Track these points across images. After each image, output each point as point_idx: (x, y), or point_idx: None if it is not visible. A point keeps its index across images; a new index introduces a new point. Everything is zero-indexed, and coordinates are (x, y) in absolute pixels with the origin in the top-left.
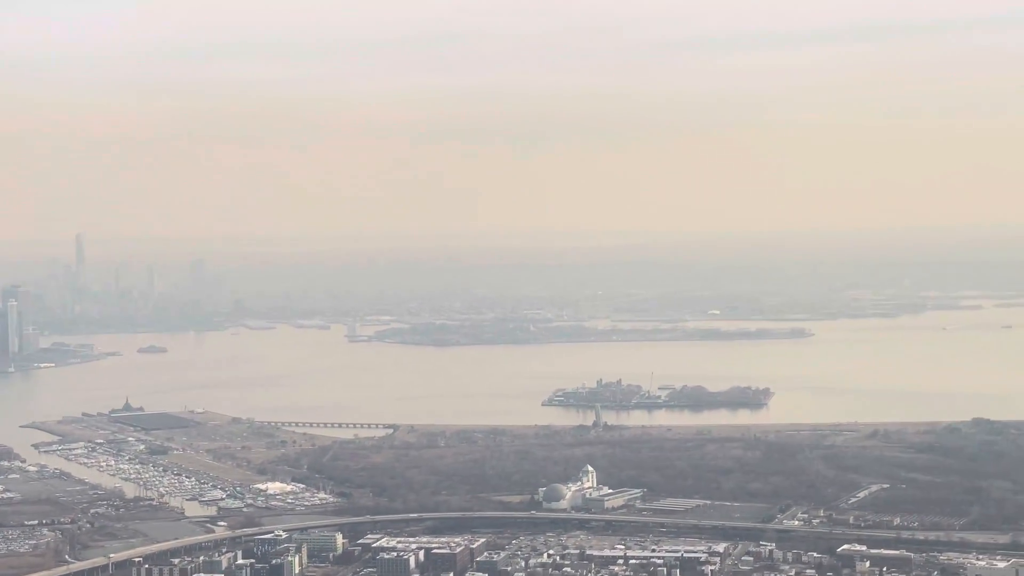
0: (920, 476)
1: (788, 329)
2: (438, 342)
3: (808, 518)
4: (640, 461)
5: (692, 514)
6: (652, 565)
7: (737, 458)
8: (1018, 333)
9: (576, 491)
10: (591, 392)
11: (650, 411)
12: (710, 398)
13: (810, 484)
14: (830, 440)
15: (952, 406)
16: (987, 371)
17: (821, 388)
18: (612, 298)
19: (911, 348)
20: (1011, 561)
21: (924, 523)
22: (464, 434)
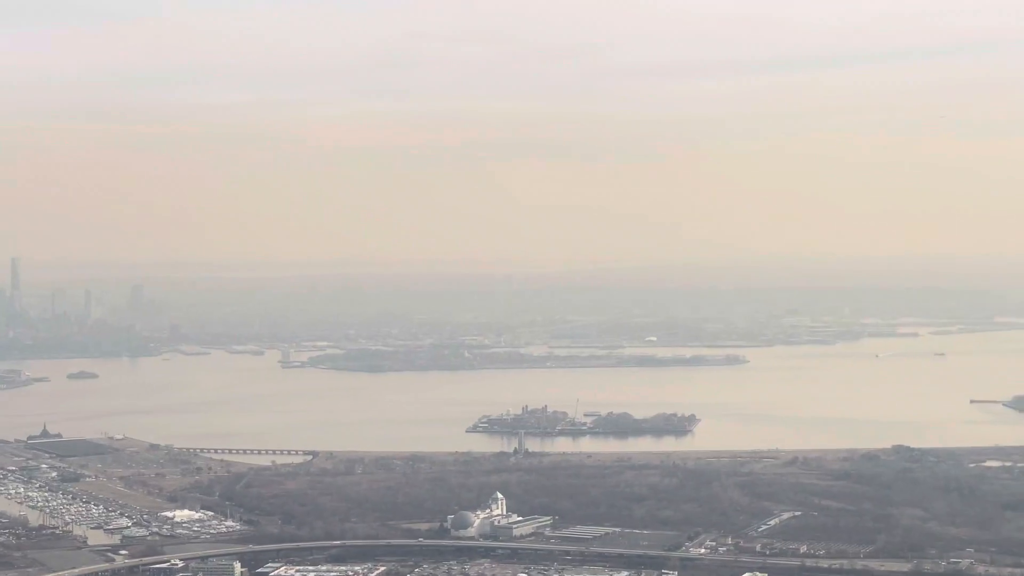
0: (833, 503)
1: (723, 356)
2: (371, 368)
3: (715, 546)
4: (555, 488)
5: (600, 542)
6: None
7: (653, 485)
8: (950, 361)
9: (485, 519)
10: (515, 419)
11: (574, 438)
12: (635, 425)
13: (722, 512)
14: (749, 467)
15: (875, 433)
16: (913, 398)
17: (748, 415)
18: (551, 324)
19: (842, 375)
20: None
21: (830, 551)
22: (383, 461)
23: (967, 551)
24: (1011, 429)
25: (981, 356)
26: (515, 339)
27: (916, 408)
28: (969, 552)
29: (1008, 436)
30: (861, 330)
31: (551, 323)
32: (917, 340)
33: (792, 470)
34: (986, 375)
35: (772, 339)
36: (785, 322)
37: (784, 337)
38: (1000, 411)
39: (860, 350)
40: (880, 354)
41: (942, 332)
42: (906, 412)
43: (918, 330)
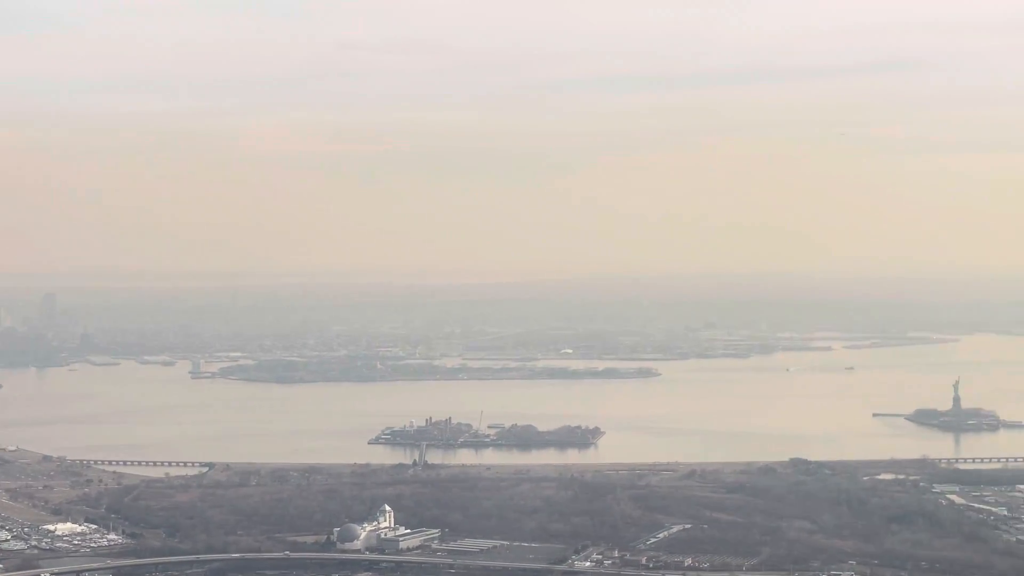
0: (724, 516)
1: (635, 368)
2: (282, 379)
3: (602, 559)
4: (448, 500)
5: (486, 555)
6: None
7: (547, 498)
8: (858, 375)
9: (371, 531)
10: (418, 431)
11: (477, 450)
12: (538, 437)
13: (613, 525)
14: (646, 480)
15: (775, 446)
16: (817, 412)
17: (653, 428)
18: (469, 336)
19: (751, 389)
20: None
21: (714, 563)
22: (279, 473)
23: (849, 563)
24: (910, 442)
25: (890, 370)
26: (430, 351)
27: (819, 421)
28: (851, 564)
29: (906, 449)
30: (776, 344)
31: (469, 335)
32: (830, 354)
33: (688, 483)
34: (892, 389)
35: (687, 352)
36: (701, 335)
37: (699, 350)
38: (902, 424)
39: (773, 364)
40: (790, 368)
41: (855, 346)
42: (809, 425)
43: (832, 344)
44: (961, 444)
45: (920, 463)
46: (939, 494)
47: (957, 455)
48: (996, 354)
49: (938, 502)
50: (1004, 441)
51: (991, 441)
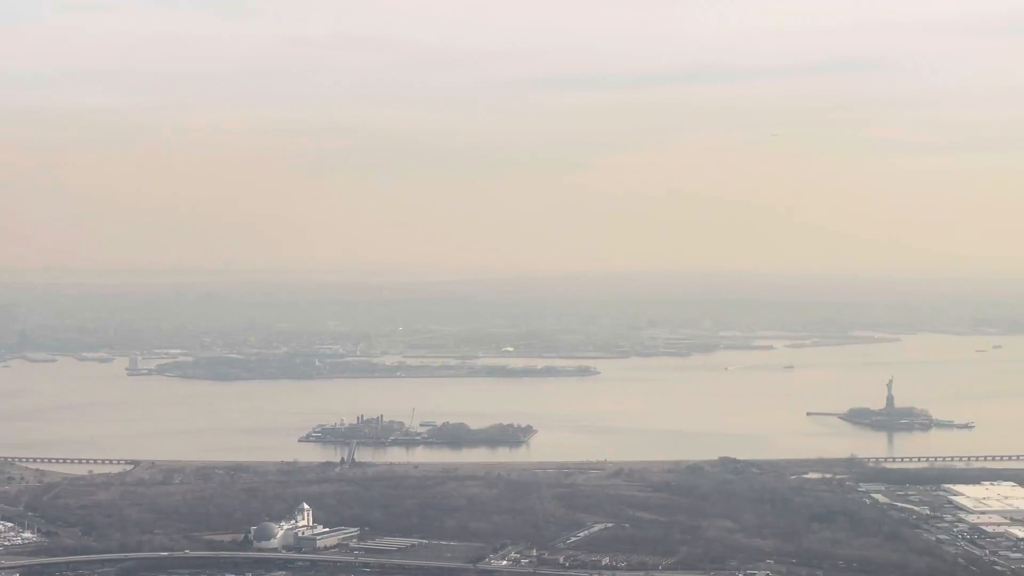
0: (647, 515)
1: (575, 367)
2: (220, 376)
3: (519, 558)
4: (371, 499)
5: (403, 554)
6: None
7: (471, 496)
8: (797, 374)
9: (288, 530)
10: (349, 428)
11: (408, 448)
12: (470, 435)
13: (534, 524)
14: (572, 479)
15: (706, 445)
16: (752, 410)
17: (587, 426)
18: (412, 334)
19: (689, 387)
20: None
21: (631, 562)
22: (204, 471)
23: (767, 562)
24: (842, 441)
25: (829, 369)
26: (370, 348)
27: (753, 420)
28: (769, 564)
29: (836, 448)
30: (717, 343)
31: (412, 333)
32: (770, 353)
33: (615, 482)
34: (828, 388)
35: (628, 351)
36: (644, 334)
37: (640, 349)
38: (835, 423)
39: (713, 362)
40: (729, 367)
41: (797, 345)
42: (742, 424)
43: (774, 343)
44: (893, 443)
45: (848, 462)
46: (864, 493)
47: (890, 454)
48: (936, 353)
49: (862, 501)
50: (935, 440)
51: (922, 440)
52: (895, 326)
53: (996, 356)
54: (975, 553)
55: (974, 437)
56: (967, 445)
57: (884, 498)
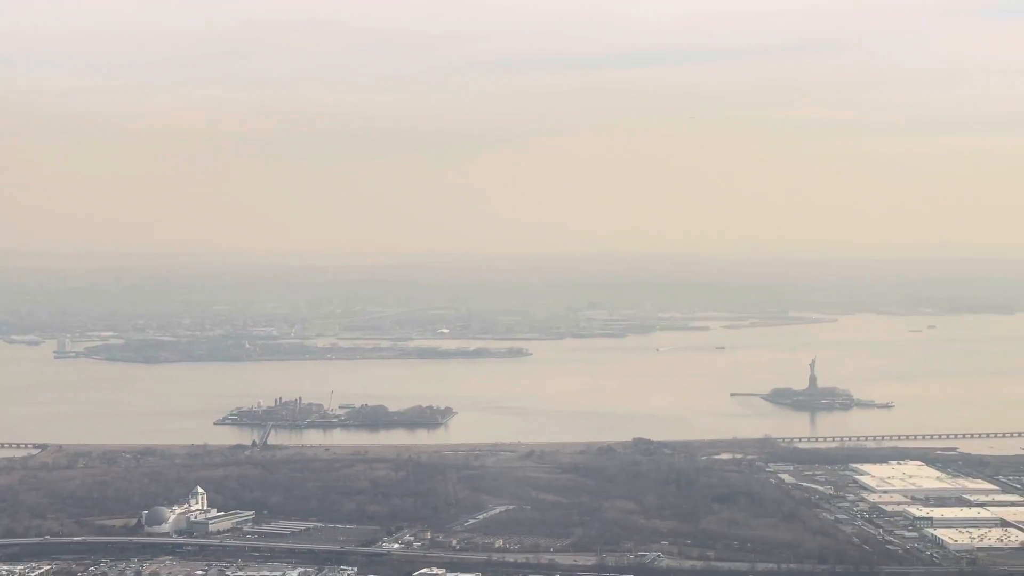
0: (550, 497)
1: (507, 348)
2: (147, 359)
3: (412, 541)
4: (274, 482)
5: (295, 537)
6: None
7: (377, 479)
8: (728, 355)
9: (181, 514)
10: (266, 411)
11: (325, 430)
12: (388, 417)
13: (434, 506)
14: (483, 461)
15: (623, 426)
16: (676, 391)
17: (508, 408)
18: (350, 316)
19: (617, 369)
20: None
21: (524, 545)
22: (111, 454)
23: (661, 543)
24: (761, 422)
25: (762, 350)
26: (305, 331)
27: (677, 401)
28: (664, 545)
29: (752, 428)
30: (654, 324)
31: (350, 315)
32: (707, 334)
33: (526, 463)
34: (756, 369)
35: (564, 332)
36: (582, 315)
37: (576, 330)
38: (758, 404)
39: (647, 344)
40: (660, 348)
41: (734, 326)
42: (665, 405)
43: (710, 324)
44: (815, 423)
45: (762, 442)
46: (772, 473)
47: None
48: (871, 334)
49: (767, 482)
50: (855, 420)
51: (842, 420)
52: (835, 307)
53: (930, 336)
54: (871, 532)
55: (893, 417)
56: (885, 424)
57: (791, 478)
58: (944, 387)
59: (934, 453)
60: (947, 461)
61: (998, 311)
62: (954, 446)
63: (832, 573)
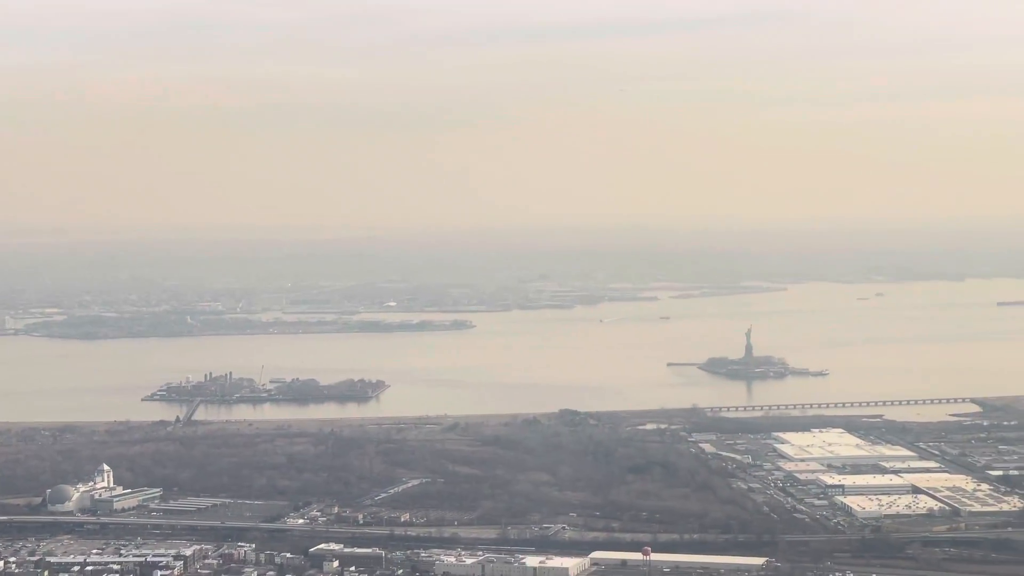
0: (466, 470)
1: (450, 321)
2: (87, 335)
3: (319, 516)
4: (189, 458)
5: (200, 514)
6: (108, 571)
7: (294, 454)
8: (672, 325)
9: (85, 492)
10: (195, 386)
11: (255, 405)
12: (319, 391)
13: (347, 481)
14: (405, 434)
15: (554, 397)
16: (615, 362)
17: (442, 380)
18: (300, 290)
19: (559, 340)
20: (482, 556)
21: (430, 519)
22: (29, 432)
23: (569, 515)
24: (693, 391)
25: (707, 319)
26: (252, 305)
27: (613, 372)
28: (571, 517)
29: (685, 398)
30: (603, 295)
31: (300, 289)
32: (654, 304)
33: (448, 436)
34: (696, 338)
35: (511, 304)
36: (532, 287)
37: (523, 302)
38: (693, 373)
39: (593, 315)
40: (604, 319)
41: (684, 296)
42: (600, 376)
43: (660, 294)
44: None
45: (689, 412)
46: (693, 443)
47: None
48: (818, 302)
49: (687, 452)
50: (788, 388)
51: (775, 388)
52: (786, 275)
53: (877, 304)
54: (781, 500)
55: (826, 385)
56: (817, 393)
57: (712, 448)
58: (882, 354)
59: (859, 421)
60: (870, 428)
61: (948, 279)
62: (881, 413)
63: (734, 542)
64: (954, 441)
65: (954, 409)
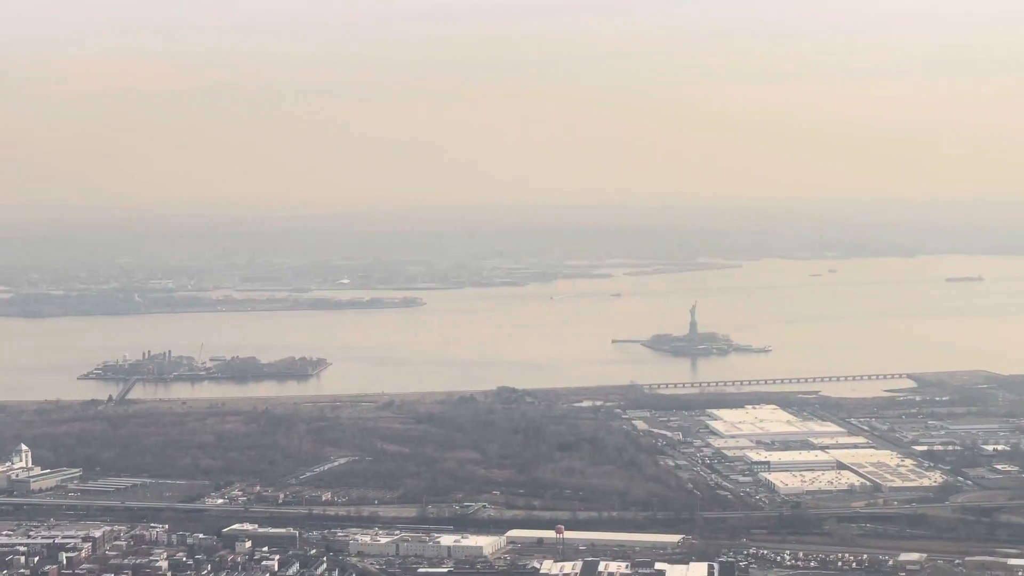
0: (395, 448)
1: (400, 298)
2: (30, 313)
3: (239, 495)
4: (114, 437)
5: (119, 494)
6: (15, 553)
7: (223, 433)
8: (623, 302)
9: (2, 472)
10: (133, 365)
11: (193, 383)
12: (258, 369)
13: (272, 460)
14: (339, 412)
15: (494, 374)
16: (561, 339)
17: (384, 358)
18: (255, 267)
19: (508, 317)
20: (397, 535)
21: (351, 498)
22: None
23: (493, 494)
24: (634, 368)
25: (658, 296)
26: (204, 283)
27: (557, 349)
28: (494, 495)
29: (624, 375)
30: (558, 272)
31: (255, 266)
32: (609, 281)
33: (383, 414)
34: (644, 315)
35: (464, 281)
36: (487, 264)
37: (478, 279)
38: (637, 350)
39: (545, 292)
40: (555, 296)
41: (639, 273)
42: (543, 353)
43: (614, 271)
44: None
45: (627, 389)
46: (627, 420)
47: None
48: (771, 278)
49: (620, 428)
50: (730, 365)
51: (717, 365)
52: (742, 252)
53: (828, 280)
54: (705, 477)
55: (768, 361)
56: (758, 369)
57: (644, 425)
58: (827, 331)
59: (795, 397)
60: (804, 404)
61: (902, 255)
62: (817, 389)
63: (653, 520)
64: (885, 417)
65: (890, 385)
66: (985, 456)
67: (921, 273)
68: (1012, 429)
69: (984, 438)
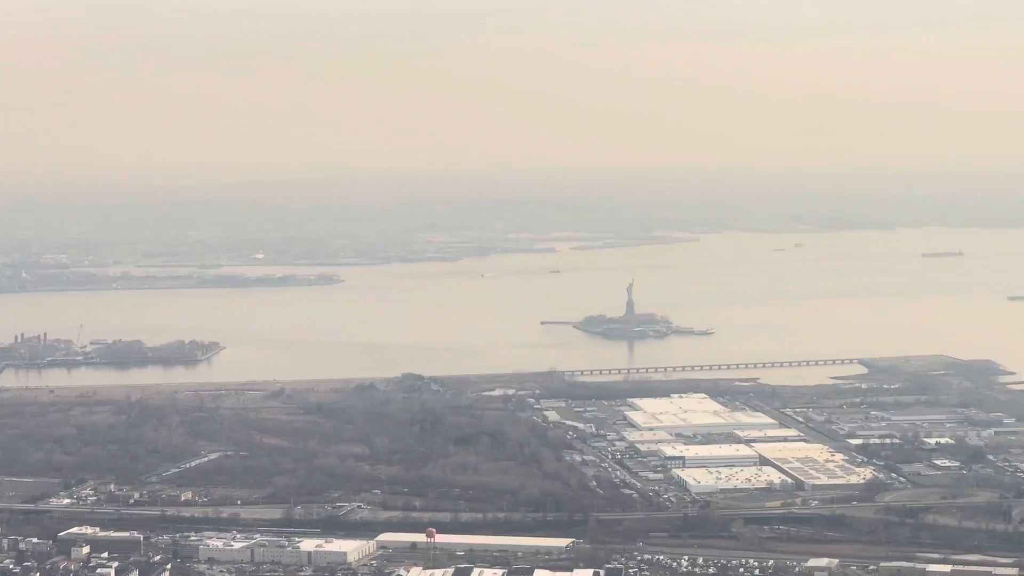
0: (275, 442)
1: (316, 275)
2: None
3: (90, 494)
4: None
5: None
6: None
7: (87, 425)
8: (561, 279)
9: None
10: (2, 349)
11: (70, 369)
12: (143, 354)
13: (135, 455)
14: (221, 401)
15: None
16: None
17: (283, 341)
18: (163, 241)
19: (431, 296)
20: (253, 540)
21: (214, 498)
22: None
23: (373, 492)
24: (560, 352)
25: (600, 273)
26: (103, 258)
27: (479, 331)
28: (375, 494)
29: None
30: (495, 246)
31: (165, 240)
32: (549, 256)
33: (270, 404)
34: (581, 294)
35: (391, 256)
36: (420, 237)
37: (407, 254)
38: (567, 332)
39: (478, 268)
40: (486, 273)
41: (586, 247)
42: (463, 336)
43: (560, 246)
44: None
45: (545, 376)
46: (540, 411)
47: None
48: (731, 253)
49: (528, 420)
50: (668, 349)
51: (653, 349)
52: (703, 224)
53: (793, 255)
54: (611, 474)
55: (709, 345)
56: (697, 354)
57: (557, 416)
58: (778, 312)
59: (728, 385)
60: (736, 393)
61: (880, 227)
62: (757, 376)
63: (543, 522)
64: (823, 407)
65: (838, 371)
66: (925, 451)
67: (897, 247)
68: (960, 421)
69: (928, 430)
